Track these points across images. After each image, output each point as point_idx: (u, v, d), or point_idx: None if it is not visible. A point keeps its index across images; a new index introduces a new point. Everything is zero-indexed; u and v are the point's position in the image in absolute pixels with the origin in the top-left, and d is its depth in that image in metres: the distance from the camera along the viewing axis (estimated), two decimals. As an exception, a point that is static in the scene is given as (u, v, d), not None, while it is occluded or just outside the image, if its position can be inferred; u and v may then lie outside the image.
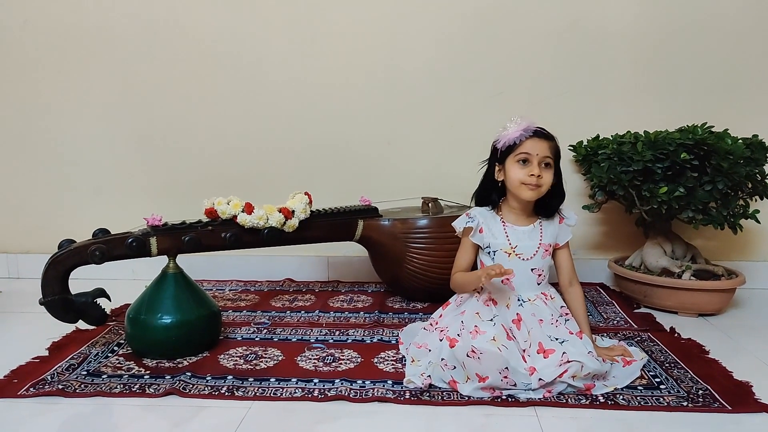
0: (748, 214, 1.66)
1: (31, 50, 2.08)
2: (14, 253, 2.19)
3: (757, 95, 1.95)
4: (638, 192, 1.69)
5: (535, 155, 1.24)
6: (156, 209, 1.53)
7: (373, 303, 1.81)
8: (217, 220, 1.50)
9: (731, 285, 1.67)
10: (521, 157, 1.25)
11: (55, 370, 1.29)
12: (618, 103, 1.98)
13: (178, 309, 1.35)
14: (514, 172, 1.26)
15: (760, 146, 1.61)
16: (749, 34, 1.93)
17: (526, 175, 1.24)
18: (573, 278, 1.35)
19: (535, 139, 1.25)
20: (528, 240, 1.30)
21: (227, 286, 2.04)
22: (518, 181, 1.25)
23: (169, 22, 2.04)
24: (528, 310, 1.25)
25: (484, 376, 1.14)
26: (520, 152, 1.25)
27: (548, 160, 1.25)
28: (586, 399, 1.15)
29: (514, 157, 1.26)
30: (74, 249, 1.35)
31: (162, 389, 1.19)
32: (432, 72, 2.02)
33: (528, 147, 1.24)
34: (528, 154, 1.24)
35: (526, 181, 1.24)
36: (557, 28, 1.97)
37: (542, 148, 1.25)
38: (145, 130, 2.10)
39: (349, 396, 1.16)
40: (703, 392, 1.17)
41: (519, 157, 1.25)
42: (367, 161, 2.07)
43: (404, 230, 1.73)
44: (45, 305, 1.35)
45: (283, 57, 2.03)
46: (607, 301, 1.83)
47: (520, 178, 1.25)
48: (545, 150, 1.25)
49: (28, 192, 2.17)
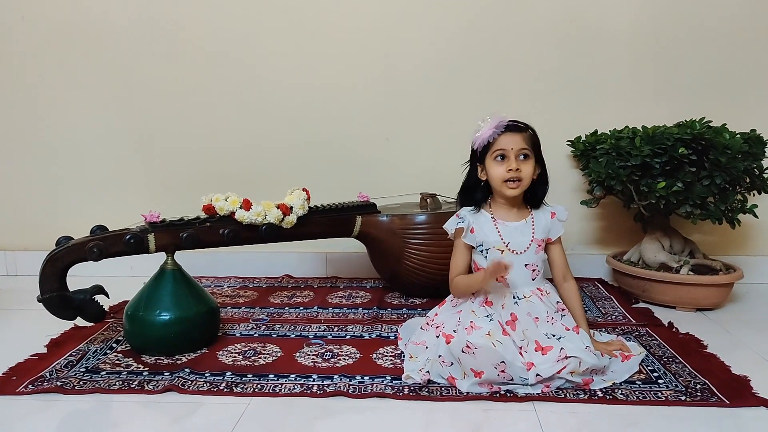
0: (746, 209, 1.66)
1: (28, 47, 2.07)
2: (12, 250, 2.19)
3: (755, 90, 1.94)
4: (636, 187, 1.69)
5: (510, 149, 1.25)
6: (154, 206, 1.53)
7: (371, 299, 1.81)
8: (215, 216, 1.50)
9: (729, 280, 1.67)
10: (497, 153, 1.26)
11: (54, 367, 1.29)
12: (616, 99, 1.98)
13: (176, 306, 1.35)
14: (493, 170, 1.27)
15: (758, 141, 1.61)
16: (747, 28, 1.92)
17: (505, 171, 1.25)
18: (567, 273, 1.35)
19: (508, 134, 1.25)
20: (520, 235, 1.29)
21: (225, 282, 2.03)
22: (499, 179, 1.26)
23: (167, 19, 2.03)
24: (524, 309, 1.25)
25: (480, 371, 1.14)
26: (495, 149, 1.26)
27: (525, 151, 1.26)
28: (584, 394, 1.15)
29: (492, 155, 1.27)
30: (72, 246, 1.35)
31: (161, 386, 1.19)
32: (430, 68, 2.01)
33: (502, 143, 1.25)
34: (504, 150, 1.25)
35: (506, 177, 1.25)
36: (555, 24, 1.96)
37: (516, 141, 1.25)
38: (142, 127, 2.10)
39: (348, 392, 1.16)
40: (701, 386, 1.17)
41: (495, 154, 1.26)
42: (365, 157, 2.06)
43: (402, 226, 1.73)
44: (43, 302, 1.35)
45: (282, 54, 2.03)
46: (606, 296, 1.83)
47: (500, 176, 1.26)
48: (520, 142, 1.25)
49: (25, 189, 2.16)
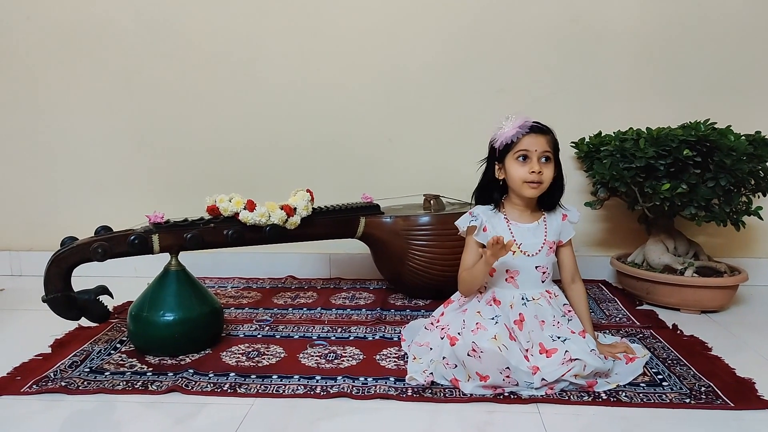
0: (751, 211, 1.65)
1: (33, 47, 2.08)
2: (17, 250, 2.20)
3: (760, 91, 1.94)
4: (641, 189, 1.68)
5: (534, 151, 1.23)
6: (158, 207, 1.53)
7: (375, 300, 1.81)
8: (219, 217, 1.50)
9: (734, 282, 1.67)
10: (520, 154, 1.24)
11: (58, 367, 1.29)
12: (620, 100, 1.98)
13: (180, 306, 1.35)
14: (514, 170, 1.25)
15: (763, 143, 1.61)
16: (752, 29, 1.92)
17: (527, 173, 1.23)
18: (575, 275, 1.34)
19: (532, 135, 1.24)
20: (532, 237, 1.29)
21: (229, 283, 2.04)
22: (520, 179, 1.24)
23: (171, 20, 2.03)
24: (531, 311, 1.25)
25: (485, 375, 1.14)
26: (518, 149, 1.24)
27: (547, 154, 1.25)
28: (588, 396, 1.15)
29: (513, 154, 1.25)
30: (77, 246, 1.36)
31: (164, 386, 1.19)
32: (433, 69, 2.01)
33: (526, 143, 1.24)
34: (527, 151, 1.24)
35: (528, 178, 1.23)
36: (559, 25, 1.96)
37: (540, 143, 1.24)
38: (147, 128, 2.10)
39: (352, 393, 1.16)
40: (705, 389, 1.17)
41: (518, 155, 1.24)
42: (368, 158, 2.06)
43: (406, 227, 1.73)
44: (48, 302, 1.36)
45: (285, 54, 2.03)
46: (610, 298, 1.83)
47: (522, 176, 1.24)
48: (543, 144, 1.24)
49: (30, 190, 2.17)
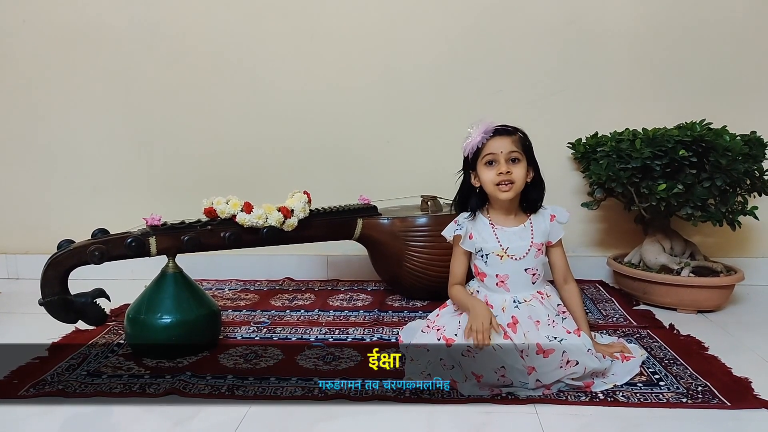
0: (747, 211, 1.66)
1: (30, 50, 2.08)
2: (14, 253, 2.19)
3: (756, 92, 1.94)
4: (637, 189, 1.69)
5: (500, 153, 1.25)
6: (155, 209, 1.53)
7: (372, 301, 1.81)
8: (216, 219, 1.50)
9: (730, 281, 1.67)
10: (487, 158, 1.26)
11: (55, 370, 1.29)
12: (616, 101, 1.98)
13: (177, 309, 1.35)
14: (485, 174, 1.27)
15: (759, 143, 1.61)
16: (747, 30, 1.92)
17: (495, 175, 1.25)
18: (568, 276, 1.34)
19: (497, 138, 1.26)
20: (519, 240, 1.29)
21: (227, 285, 2.04)
22: (491, 183, 1.26)
23: (169, 23, 2.04)
24: (524, 312, 1.25)
25: (480, 374, 1.14)
26: (485, 154, 1.26)
27: (515, 155, 1.26)
28: (585, 396, 1.15)
29: (482, 160, 1.27)
30: (74, 249, 1.35)
31: (162, 389, 1.19)
32: (430, 70, 2.01)
33: (492, 147, 1.26)
34: (493, 154, 1.25)
35: (497, 180, 1.25)
36: (556, 26, 1.96)
37: (505, 145, 1.25)
38: (144, 130, 2.10)
39: (349, 395, 1.16)
40: (702, 388, 1.17)
41: (486, 159, 1.26)
42: (366, 160, 2.06)
43: (403, 229, 1.73)
44: (45, 306, 1.35)
45: (283, 57, 2.03)
46: (606, 298, 1.83)
47: (491, 179, 1.26)
48: (509, 145, 1.25)
49: (27, 192, 2.17)
